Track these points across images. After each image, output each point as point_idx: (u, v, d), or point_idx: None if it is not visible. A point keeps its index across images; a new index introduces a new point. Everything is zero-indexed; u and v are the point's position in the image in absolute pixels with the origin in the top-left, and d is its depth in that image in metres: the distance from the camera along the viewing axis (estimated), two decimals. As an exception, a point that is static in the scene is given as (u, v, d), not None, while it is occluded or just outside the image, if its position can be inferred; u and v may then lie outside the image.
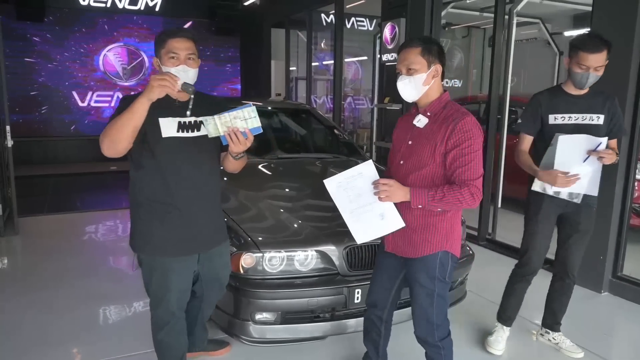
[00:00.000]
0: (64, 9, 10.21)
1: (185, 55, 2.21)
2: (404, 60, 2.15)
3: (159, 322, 2.41)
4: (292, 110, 5.21)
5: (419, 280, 2.21)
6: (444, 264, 2.20)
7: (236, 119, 2.06)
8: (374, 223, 2.18)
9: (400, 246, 2.26)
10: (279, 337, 2.76)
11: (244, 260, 2.68)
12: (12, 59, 9.68)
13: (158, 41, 2.25)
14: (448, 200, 2.05)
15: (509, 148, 5.45)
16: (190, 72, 2.24)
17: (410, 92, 2.18)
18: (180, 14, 11.13)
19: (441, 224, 2.18)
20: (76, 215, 6.44)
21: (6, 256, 4.88)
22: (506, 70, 5.10)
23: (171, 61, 2.20)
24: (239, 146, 2.10)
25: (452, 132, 2.08)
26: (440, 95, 2.22)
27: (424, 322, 2.25)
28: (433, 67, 2.15)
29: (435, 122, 2.17)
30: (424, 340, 2.29)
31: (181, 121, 2.26)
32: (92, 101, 10.78)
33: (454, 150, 2.08)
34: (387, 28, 6.11)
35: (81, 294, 3.84)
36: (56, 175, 9.21)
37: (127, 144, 2.11)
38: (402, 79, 2.17)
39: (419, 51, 2.13)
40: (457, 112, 2.14)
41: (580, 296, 3.95)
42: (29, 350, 3.03)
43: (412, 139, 2.23)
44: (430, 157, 2.13)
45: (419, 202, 2.08)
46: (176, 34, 2.24)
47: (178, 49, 2.20)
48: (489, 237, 5.25)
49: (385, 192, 2.06)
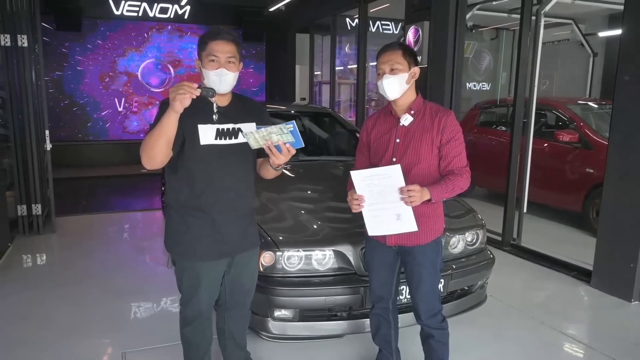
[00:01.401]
0: (99, 18, 10.59)
1: (226, 59, 2.17)
2: (388, 61, 2.33)
3: (187, 318, 2.46)
4: (315, 113, 5.30)
5: (425, 264, 2.41)
6: (440, 245, 2.51)
7: (271, 134, 2.06)
8: (389, 221, 2.30)
9: (404, 237, 2.39)
10: (297, 334, 2.84)
11: (263, 258, 2.77)
12: (51, 67, 10.13)
13: (200, 43, 2.22)
14: (455, 189, 2.29)
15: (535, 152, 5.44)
16: (229, 75, 2.19)
17: (395, 89, 2.34)
18: (208, 22, 11.38)
19: (437, 210, 2.45)
20: (109, 215, 6.69)
21: (44, 253, 5.12)
22: (533, 73, 5.06)
23: (211, 64, 2.17)
24: (278, 159, 2.13)
25: (445, 126, 2.33)
26: (417, 95, 2.43)
27: (431, 302, 2.45)
28: (413, 68, 2.36)
29: (423, 118, 2.38)
30: (431, 325, 2.46)
31: (219, 128, 2.25)
32: (125, 107, 11.14)
33: (449, 144, 2.33)
34: (410, 31, 6.14)
35: (112, 289, 4.02)
36: (91, 177, 9.56)
37: (163, 157, 2.10)
38: (387, 78, 2.33)
39: (400, 53, 2.33)
40: (441, 108, 2.41)
41: (609, 305, 3.91)
42: (65, 340, 3.20)
43: (400, 137, 2.39)
44: (428, 150, 2.34)
45: (437, 198, 2.25)
46: (217, 36, 2.19)
47: (218, 51, 2.17)
48: (513, 242, 5.21)
49: (413, 197, 2.17)
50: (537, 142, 6.04)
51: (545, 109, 6.57)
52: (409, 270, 2.46)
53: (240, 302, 2.59)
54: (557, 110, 6.44)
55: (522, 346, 3.23)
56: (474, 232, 3.23)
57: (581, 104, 6.84)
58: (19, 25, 5.19)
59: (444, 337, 2.49)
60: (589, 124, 6.04)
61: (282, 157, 2.12)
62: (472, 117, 7.73)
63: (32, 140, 5.36)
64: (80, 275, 4.35)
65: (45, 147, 5.51)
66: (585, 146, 5.79)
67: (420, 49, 5.96)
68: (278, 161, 2.14)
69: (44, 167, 5.74)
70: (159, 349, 3.09)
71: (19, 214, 5.42)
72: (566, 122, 6.23)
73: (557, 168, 6.09)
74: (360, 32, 7.95)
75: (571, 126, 6.08)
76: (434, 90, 5.86)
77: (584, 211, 5.68)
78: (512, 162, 5.15)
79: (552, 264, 4.71)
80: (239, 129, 2.26)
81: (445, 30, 5.66)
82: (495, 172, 6.28)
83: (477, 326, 3.43)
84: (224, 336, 2.68)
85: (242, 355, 2.76)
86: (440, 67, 5.75)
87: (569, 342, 3.33)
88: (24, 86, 5.29)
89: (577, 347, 3.29)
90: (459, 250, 3.14)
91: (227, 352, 2.72)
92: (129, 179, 9.45)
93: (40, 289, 4.06)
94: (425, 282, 2.43)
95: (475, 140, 7.44)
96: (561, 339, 3.36)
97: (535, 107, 5.19)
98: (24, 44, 5.22)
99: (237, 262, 2.45)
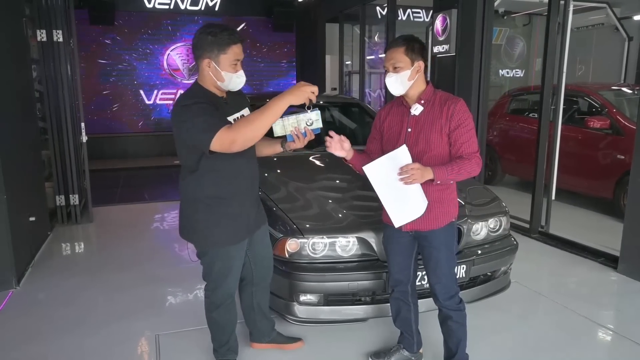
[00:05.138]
0: (132, 11, 10.85)
1: (242, 61, 2.35)
2: (390, 59, 2.39)
3: (216, 302, 2.60)
4: (343, 104, 5.35)
5: (441, 248, 2.48)
6: (455, 228, 2.58)
7: (300, 121, 2.26)
8: (409, 207, 2.38)
9: (420, 222, 2.45)
10: (322, 317, 2.93)
11: (289, 245, 2.87)
12: (86, 60, 10.44)
13: (217, 42, 2.25)
14: (462, 172, 2.33)
15: (566, 139, 5.36)
16: (243, 76, 2.36)
17: (397, 87, 2.41)
18: (239, 13, 11.53)
19: (451, 195, 2.50)
20: (143, 205, 6.91)
21: (83, 241, 5.35)
22: (561, 58, 4.98)
23: (233, 66, 2.29)
24: (302, 143, 2.31)
25: (453, 114, 2.37)
26: (426, 85, 2.47)
27: (449, 283, 2.51)
28: (416, 63, 2.39)
29: (433, 107, 2.43)
30: (449, 307, 2.52)
31: (234, 118, 2.39)
32: (157, 99, 11.40)
33: (457, 130, 2.37)
34: (438, 19, 6.11)
35: (146, 276, 4.20)
36: (125, 169, 9.84)
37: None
38: (389, 76, 2.41)
39: (402, 50, 2.37)
40: (451, 96, 2.45)
41: (635, 290, 3.90)
42: (108, 324, 3.38)
43: (412, 127, 2.44)
44: (438, 138, 2.39)
45: (440, 178, 2.29)
46: (238, 39, 2.29)
47: (240, 55, 2.31)
48: (541, 229, 5.17)
49: (413, 176, 2.24)
50: (569, 129, 5.97)
51: (576, 95, 6.46)
52: (426, 254, 2.53)
53: (264, 275, 2.80)
54: (588, 96, 6.33)
55: (545, 331, 3.25)
56: (497, 218, 3.25)
57: (614, 89, 6.69)
58: (54, 21, 5.37)
59: (461, 318, 2.56)
60: (621, 110, 5.92)
61: (304, 141, 2.29)
62: (502, 104, 7.64)
63: (68, 133, 5.56)
64: (118, 263, 4.55)
65: (81, 139, 5.72)
66: (617, 132, 5.69)
67: (448, 37, 5.94)
68: (299, 146, 2.31)
69: (80, 159, 5.96)
70: (189, 332, 3.23)
71: (58, 204, 5.65)
72: (598, 108, 6.11)
73: (588, 155, 6.00)
74: (389, 20, 7.93)
75: (603, 112, 5.97)
76: (462, 79, 5.83)
77: (615, 198, 5.60)
78: (540, 149, 5.11)
79: (580, 250, 4.68)
80: (242, 117, 2.43)
81: (473, 18, 5.61)
82: (525, 160, 6.21)
83: (501, 311, 3.46)
84: (253, 311, 2.86)
85: (270, 324, 2.98)
86: (469, 56, 5.71)
87: (594, 327, 3.32)
88: (60, 80, 5.49)
89: (602, 332, 3.29)
90: (481, 236, 3.16)
91: (258, 326, 2.92)
92: (162, 169, 9.69)
93: (82, 276, 4.25)
94: (442, 265, 2.49)
95: (506, 128, 7.36)
96: (586, 324, 3.36)
97: (567, 93, 5.11)
98: (59, 39, 5.41)
99: (255, 238, 2.65)
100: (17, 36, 4.72)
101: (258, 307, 2.87)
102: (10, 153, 4.05)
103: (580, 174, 6.07)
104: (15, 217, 4.00)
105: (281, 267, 2.88)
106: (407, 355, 2.81)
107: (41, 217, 5.03)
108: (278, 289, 2.94)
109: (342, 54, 10.16)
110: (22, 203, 4.29)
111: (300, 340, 3.05)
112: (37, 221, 4.74)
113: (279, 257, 2.88)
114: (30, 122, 5.00)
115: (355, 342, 3.08)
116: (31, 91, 5.15)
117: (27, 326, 3.36)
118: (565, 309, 3.55)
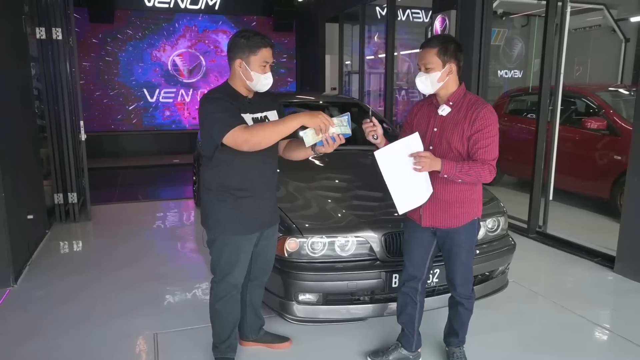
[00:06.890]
0: (131, 10, 10.84)
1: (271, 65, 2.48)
2: (422, 59, 2.42)
3: (221, 293, 2.66)
4: (342, 104, 5.37)
5: (462, 245, 2.54)
6: (477, 227, 2.61)
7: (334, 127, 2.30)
8: (414, 194, 2.43)
9: (440, 220, 2.50)
10: (321, 317, 2.94)
11: (288, 244, 2.88)
12: (85, 59, 10.43)
13: (248, 44, 2.43)
14: (471, 174, 2.34)
15: (564, 139, 5.37)
16: (271, 78, 2.49)
17: (426, 87, 2.46)
18: (239, 12, 11.51)
19: (474, 196, 2.53)
20: (142, 204, 6.91)
21: (81, 240, 5.35)
22: (559, 59, 5.00)
23: (262, 68, 2.45)
24: (331, 148, 2.36)
25: (476, 119, 2.37)
26: (458, 87, 2.47)
27: (466, 273, 2.60)
28: (448, 65, 2.40)
29: (459, 110, 2.44)
30: (463, 295, 2.63)
31: (254, 117, 2.50)
32: (158, 98, 11.38)
33: (476, 134, 2.37)
34: (437, 20, 6.12)
35: (145, 274, 4.20)
36: (125, 167, 9.80)
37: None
38: (420, 76, 2.46)
39: (435, 52, 2.39)
40: (478, 101, 2.45)
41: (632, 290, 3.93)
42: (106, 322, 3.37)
43: (438, 127, 2.46)
44: (459, 141, 2.41)
45: (447, 172, 2.33)
46: (268, 43, 2.46)
47: (269, 58, 2.46)
48: (539, 229, 5.19)
49: (423, 163, 2.27)
50: (567, 129, 5.99)
51: (574, 96, 6.49)
52: (446, 248, 2.57)
53: (263, 272, 2.83)
54: (585, 97, 6.36)
55: (542, 329, 3.27)
56: (495, 218, 3.27)
57: (611, 90, 6.72)
58: (54, 18, 5.35)
59: (471, 305, 2.67)
60: (617, 110, 5.96)
61: (333, 146, 2.34)
62: (500, 105, 7.66)
63: (67, 131, 5.54)
64: (116, 261, 4.54)
65: (80, 137, 5.70)
66: (614, 133, 5.74)
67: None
68: (328, 150, 2.37)
69: (79, 157, 5.93)
70: (188, 330, 3.24)
71: (56, 202, 5.63)
72: (595, 109, 6.14)
73: (585, 155, 6.04)
74: (388, 20, 7.94)
75: (600, 113, 6.00)
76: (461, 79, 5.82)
77: (612, 198, 5.64)
78: (538, 149, 5.13)
79: (577, 250, 4.71)
80: (265, 117, 2.56)
81: (472, 19, 5.63)
82: (523, 160, 6.23)
83: (499, 310, 3.47)
84: (245, 306, 2.89)
85: (259, 323, 3.01)
86: (467, 56, 5.71)
87: (591, 327, 3.34)
88: (59, 78, 5.47)
89: (598, 332, 3.32)
90: (480, 236, 3.16)
91: (247, 321, 2.94)
92: (162, 168, 9.70)
93: (79, 274, 4.25)
94: (462, 259, 2.56)
95: (504, 128, 7.37)
96: (583, 323, 3.38)
97: (564, 94, 5.14)
98: (58, 37, 5.38)
99: (266, 235, 2.71)
100: (16, 34, 4.71)
101: (250, 303, 2.91)
102: (8, 151, 4.04)
103: (578, 175, 6.10)
104: (13, 215, 3.99)
105: (280, 267, 2.88)
106: (406, 354, 2.82)
107: (39, 215, 5.01)
108: (277, 288, 2.95)
109: (342, 53, 10.17)
110: (20, 201, 4.28)
111: (288, 340, 3.06)
112: (35, 219, 4.72)
113: (278, 256, 2.88)
114: (28, 120, 4.99)
115: (354, 342, 3.09)
116: (30, 89, 5.13)
117: (24, 324, 3.36)
118: (562, 308, 3.57)
